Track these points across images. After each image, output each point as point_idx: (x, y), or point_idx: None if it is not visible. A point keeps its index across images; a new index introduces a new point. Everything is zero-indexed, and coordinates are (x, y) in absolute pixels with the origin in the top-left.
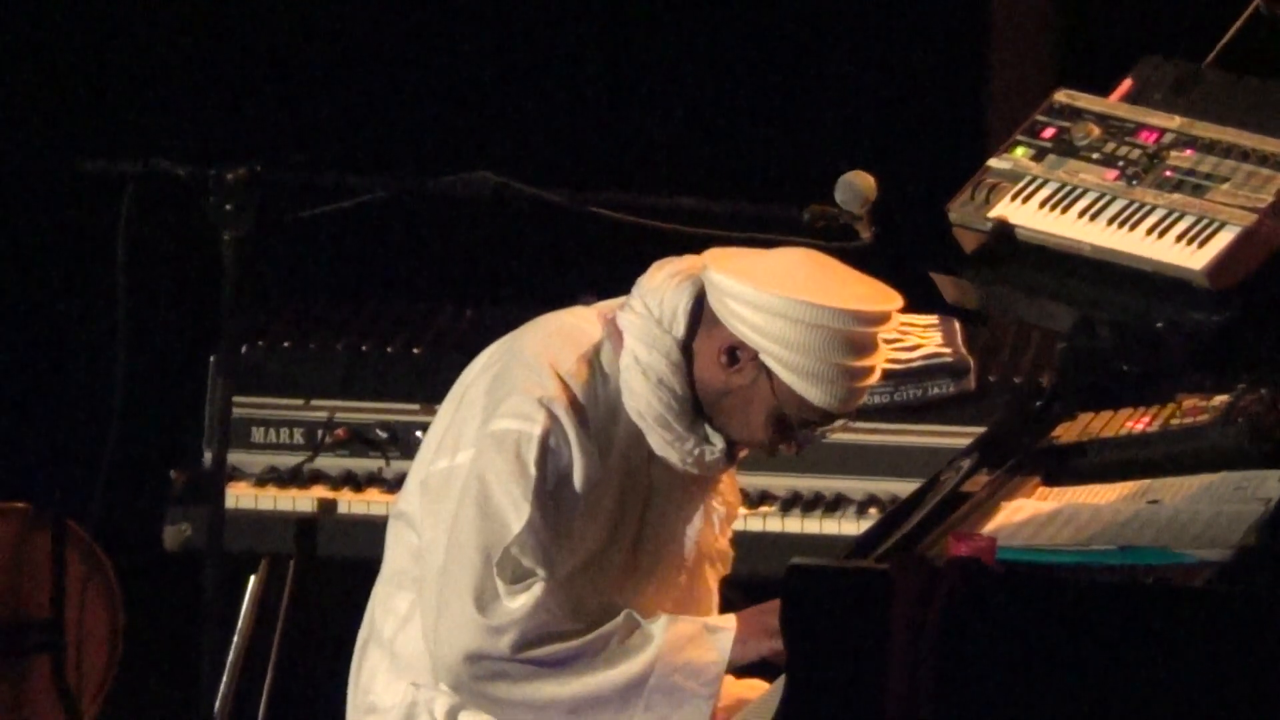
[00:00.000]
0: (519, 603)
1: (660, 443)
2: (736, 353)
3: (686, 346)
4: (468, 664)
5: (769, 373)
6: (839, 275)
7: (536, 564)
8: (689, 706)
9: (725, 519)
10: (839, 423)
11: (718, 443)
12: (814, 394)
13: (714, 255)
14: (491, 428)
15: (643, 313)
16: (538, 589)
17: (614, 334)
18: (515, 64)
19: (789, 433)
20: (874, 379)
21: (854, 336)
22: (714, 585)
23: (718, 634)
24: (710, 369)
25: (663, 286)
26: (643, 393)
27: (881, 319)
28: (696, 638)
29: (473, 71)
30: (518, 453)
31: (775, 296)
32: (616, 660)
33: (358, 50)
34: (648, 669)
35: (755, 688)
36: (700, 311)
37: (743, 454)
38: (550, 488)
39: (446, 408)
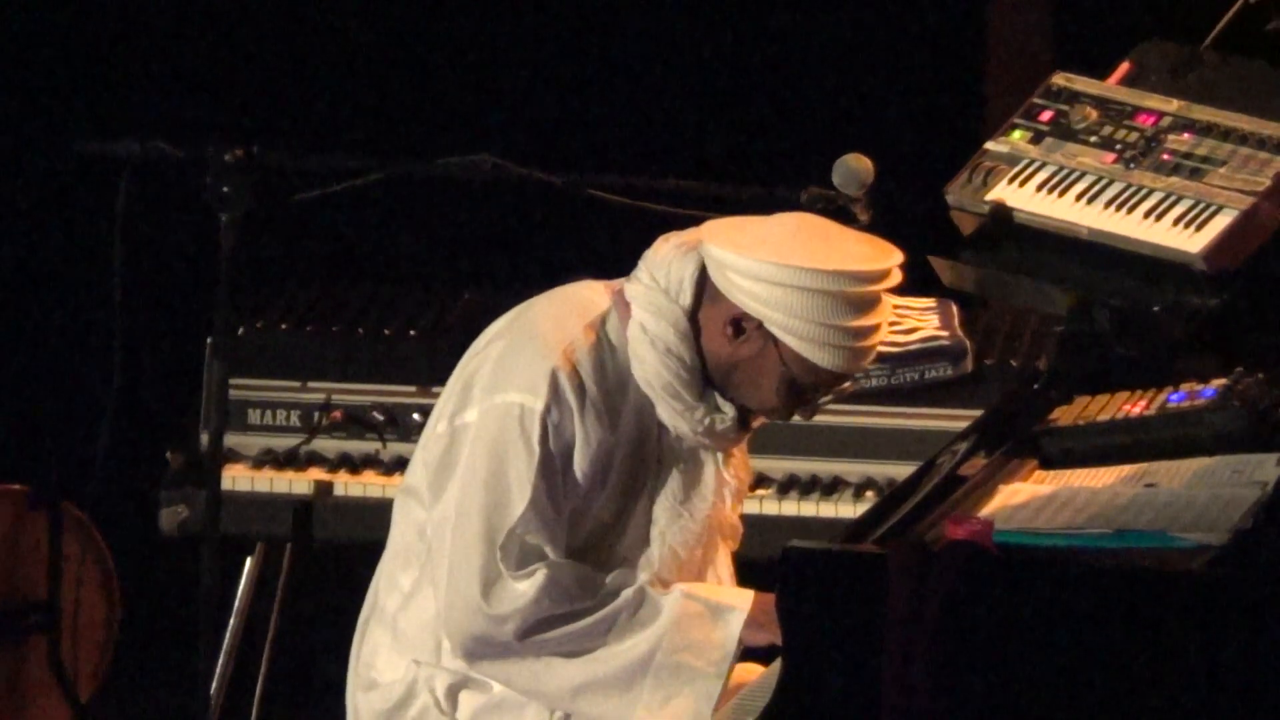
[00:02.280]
0: (522, 588)
1: (670, 413)
2: (741, 323)
3: (693, 316)
4: (475, 645)
5: (775, 341)
6: (836, 237)
7: (542, 541)
8: (697, 684)
9: (737, 493)
10: (850, 383)
11: (728, 411)
12: (822, 357)
13: (710, 228)
14: (496, 399)
15: (649, 284)
16: (541, 575)
17: (621, 305)
18: (513, 45)
19: (802, 398)
20: (881, 336)
21: (855, 296)
22: (727, 558)
23: (730, 614)
24: (717, 341)
25: (668, 257)
26: (651, 362)
27: (881, 276)
28: (706, 616)
29: (470, 53)
30: (521, 429)
31: (773, 265)
32: (624, 636)
33: (355, 31)
34: (654, 646)
35: (752, 671)
36: (705, 281)
37: (758, 423)
38: (554, 464)
39: (455, 380)
